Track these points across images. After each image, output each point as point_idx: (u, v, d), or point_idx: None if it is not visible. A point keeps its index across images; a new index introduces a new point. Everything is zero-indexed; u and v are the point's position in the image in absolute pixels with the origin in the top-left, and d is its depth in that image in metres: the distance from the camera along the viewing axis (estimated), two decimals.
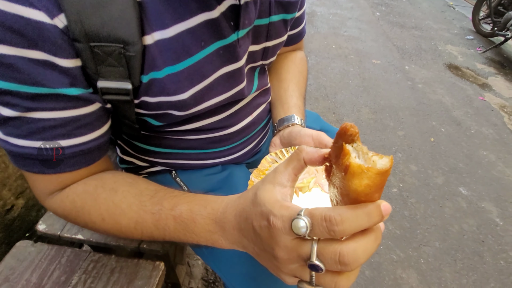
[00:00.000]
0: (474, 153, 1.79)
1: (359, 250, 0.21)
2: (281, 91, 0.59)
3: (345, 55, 2.64)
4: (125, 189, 0.37)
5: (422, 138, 1.84)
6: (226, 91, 0.43)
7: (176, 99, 0.37)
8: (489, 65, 2.96)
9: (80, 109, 0.33)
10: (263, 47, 0.47)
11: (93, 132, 0.35)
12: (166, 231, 0.34)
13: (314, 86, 2.17)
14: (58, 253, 0.59)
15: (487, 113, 2.19)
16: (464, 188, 1.54)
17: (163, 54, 0.33)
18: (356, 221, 0.21)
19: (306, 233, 0.22)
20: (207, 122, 0.47)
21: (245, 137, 0.55)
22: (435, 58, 2.89)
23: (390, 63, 2.63)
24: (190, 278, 1.11)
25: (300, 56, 0.65)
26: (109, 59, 0.31)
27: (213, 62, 0.38)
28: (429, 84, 2.43)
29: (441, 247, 1.25)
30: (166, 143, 0.50)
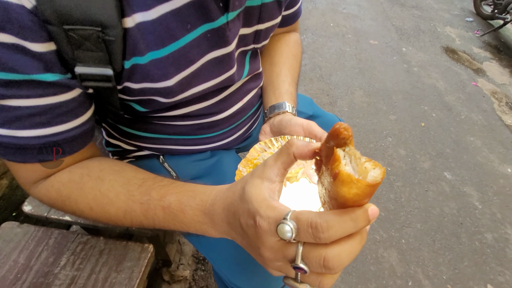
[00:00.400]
0: (462, 138, 1.82)
1: (344, 254, 0.21)
2: (273, 76, 0.57)
3: (343, 34, 2.56)
4: (112, 178, 0.36)
5: (413, 123, 1.86)
6: (214, 77, 0.41)
7: (161, 85, 0.35)
8: (485, 50, 2.94)
9: (59, 96, 0.31)
10: (255, 30, 0.44)
11: (76, 120, 0.34)
12: (155, 221, 0.34)
13: (309, 66, 2.13)
14: (45, 234, 0.59)
15: (478, 99, 2.21)
16: (449, 173, 1.59)
17: (146, 38, 0.31)
18: (343, 228, 0.21)
19: (291, 238, 0.22)
20: (195, 108, 0.46)
21: (235, 123, 0.54)
22: (433, 40, 2.84)
23: (387, 44, 2.57)
24: (181, 255, 1.15)
25: (294, 38, 0.62)
26: (87, 43, 0.28)
27: (200, 47, 0.36)
28: (424, 67, 2.40)
29: (422, 229, 1.32)
30: (153, 128, 0.49)
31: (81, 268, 0.55)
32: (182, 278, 1.08)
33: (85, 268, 0.55)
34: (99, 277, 0.54)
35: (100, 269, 0.55)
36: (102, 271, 0.55)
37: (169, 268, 1.08)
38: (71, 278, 0.54)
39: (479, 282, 1.17)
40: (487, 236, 1.34)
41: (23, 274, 0.53)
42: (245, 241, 0.28)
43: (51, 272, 0.54)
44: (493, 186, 1.56)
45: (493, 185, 1.57)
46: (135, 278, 0.55)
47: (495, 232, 1.36)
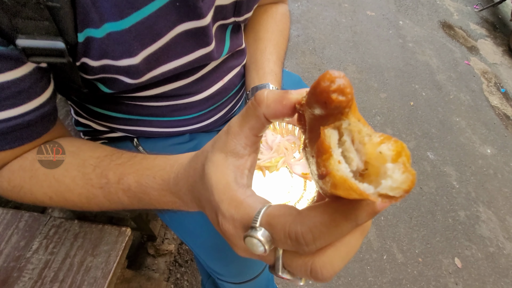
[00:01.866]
0: (448, 119, 1.84)
1: (337, 259, 0.16)
2: (257, 54, 0.52)
3: (339, 3, 2.41)
4: (66, 161, 0.32)
5: (402, 102, 1.85)
6: (187, 53, 0.36)
7: (125, 64, 0.31)
8: (482, 26, 2.87)
9: (5, 73, 0.26)
10: (234, 1, 0.38)
11: (31, 102, 0.29)
12: (123, 204, 0.31)
13: (302, 38, 2.02)
14: (14, 217, 0.57)
15: (468, 78, 2.20)
16: (431, 153, 1.63)
17: (99, 6, 0.26)
18: (333, 236, 0.15)
19: (266, 252, 0.17)
20: (168, 88, 0.41)
21: (215, 104, 0.50)
22: (431, 14, 2.73)
23: (384, 16, 2.46)
24: (166, 230, 1.16)
25: (282, 11, 0.56)
26: (25, 10, 0.24)
27: (168, 17, 0.31)
28: (419, 43, 2.34)
29: (401, 206, 1.37)
30: (125, 109, 0.44)
31: (55, 252, 0.54)
32: (167, 252, 1.10)
33: (59, 252, 0.54)
34: (74, 261, 0.53)
35: (75, 253, 0.54)
36: (78, 255, 0.54)
37: (154, 242, 1.10)
38: (45, 262, 0.52)
39: (448, 255, 1.26)
40: (460, 213, 1.41)
41: None
42: (220, 231, 0.23)
43: (22, 256, 0.52)
44: (471, 166, 1.62)
45: (471, 165, 1.63)
46: (112, 262, 0.54)
47: (468, 210, 1.43)
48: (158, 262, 1.08)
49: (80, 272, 0.52)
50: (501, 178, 1.61)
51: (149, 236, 1.09)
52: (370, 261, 1.17)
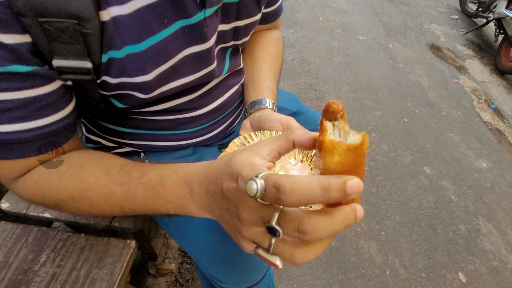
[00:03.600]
0: (442, 134, 1.89)
1: (321, 223, 0.20)
2: (254, 73, 0.58)
3: (332, 29, 2.56)
4: (93, 164, 0.35)
5: (396, 119, 1.91)
6: (193, 72, 0.42)
7: (139, 80, 0.35)
8: (468, 47, 3.02)
9: (38, 88, 0.30)
10: (234, 27, 0.44)
11: (57, 113, 0.33)
12: (135, 201, 0.33)
13: (298, 61, 2.13)
14: (24, 232, 0.59)
15: (459, 96, 2.28)
16: (428, 168, 1.66)
17: (121, 32, 0.31)
18: (308, 194, 0.19)
19: (257, 196, 0.20)
20: (174, 103, 0.46)
21: (216, 118, 0.54)
22: (419, 37, 2.89)
23: (375, 40, 2.60)
24: (167, 249, 1.16)
25: (275, 36, 0.63)
26: (63, 36, 0.28)
27: (178, 42, 0.36)
28: (410, 64, 2.45)
29: (401, 221, 1.38)
30: (133, 124, 0.48)
31: (62, 264, 0.55)
32: (168, 271, 1.09)
33: (66, 265, 0.55)
34: (80, 273, 0.55)
35: (82, 266, 0.56)
36: (84, 267, 0.56)
37: (155, 261, 1.09)
38: (52, 274, 0.54)
39: (451, 270, 1.24)
40: (460, 227, 1.41)
41: (1, 271, 0.53)
42: (224, 209, 0.27)
43: (30, 269, 0.54)
44: (468, 180, 1.64)
45: (468, 179, 1.65)
46: (117, 274, 0.55)
47: (468, 223, 1.43)
48: (159, 282, 1.07)
49: (85, 284, 0.53)
50: (499, 192, 1.62)
51: (150, 255, 1.09)
52: (372, 277, 1.16)
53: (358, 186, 0.18)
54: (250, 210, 0.23)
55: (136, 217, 0.67)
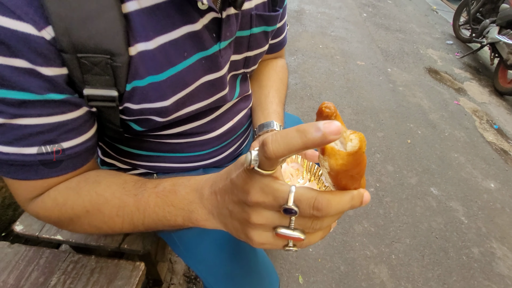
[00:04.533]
0: (446, 155, 1.90)
1: (333, 201, 0.23)
2: (262, 97, 0.62)
3: (331, 55, 2.68)
4: (109, 180, 0.37)
5: (399, 140, 1.93)
6: (207, 98, 0.45)
7: (158, 105, 0.39)
8: (466, 70, 3.11)
9: (67, 114, 0.33)
10: (245, 57, 0.49)
11: (80, 137, 0.36)
12: (146, 211, 0.34)
13: (300, 86, 2.21)
14: (36, 254, 0.60)
15: (460, 117, 2.32)
16: (435, 188, 1.64)
17: (146, 64, 0.35)
18: (287, 143, 0.20)
19: (251, 161, 0.22)
20: (189, 127, 0.49)
21: (226, 141, 0.57)
22: (416, 61, 3.00)
23: (373, 65, 2.70)
24: (172, 274, 1.13)
25: (281, 64, 0.68)
26: (96, 69, 0.32)
27: (195, 71, 0.40)
28: (409, 87, 2.52)
29: (411, 244, 1.34)
30: (148, 146, 0.51)
31: (72, 287, 0.56)
32: None
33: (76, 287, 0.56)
34: None
35: None
36: None
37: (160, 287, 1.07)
38: None
39: None
40: (473, 250, 1.37)
41: None
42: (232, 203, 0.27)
43: None
44: (477, 201, 1.62)
45: (477, 200, 1.62)
46: None
47: (481, 246, 1.39)
48: None
49: None
50: (510, 212, 1.58)
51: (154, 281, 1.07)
52: None
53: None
54: (262, 191, 0.23)
55: (145, 238, 0.68)
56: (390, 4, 4.51)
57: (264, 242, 0.26)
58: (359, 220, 1.39)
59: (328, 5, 3.77)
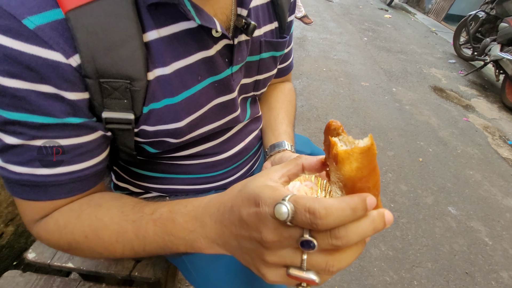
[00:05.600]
0: (461, 172, 1.84)
1: (352, 227, 0.21)
2: (272, 119, 0.63)
3: (335, 78, 2.74)
4: (110, 203, 0.36)
5: (411, 158, 1.89)
6: (219, 119, 0.46)
7: (173, 127, 0.40)
8: (472, 87, 3.11)
9: (82, 137, 0.34)
10: (255, 80, 0.51)
11: (92, 159, 0.36)
12: (146, 239, 0.33)
13: (306, 107, 2.24)
14: (47, 283, 0.59)
15: (471, 133, 2.28)
16: (453, 208, 1.57)
17: (162, 88, 0.36)
18: (341, 216, 0.20)
19: (287, 219, 0.21)
20: (202, 148, 0.50)
21: (237, 162, 0.58)
22: (421, 80, 3.03)
23: (378, 86, 2.74)
24: None
25: (288, 87, 0.70)
26: (115, 93, 0.33)
27: (208, 94, 0.41)
28: (415, 105, 2.53)
29: (433, 268, 1.26)
30: (161, 168, 0.52)
31: None
32: None
33: None
34: None
35: None
36: None
37: None
38: None
39: None
40: (502, 274, 1.27)
41: None
42: (241, 237, 0.26)
43: None
44: (500, 221, 1.53)
45: (500, 219, 1.54)
46: None
47: (511, 270, 1.29)
48: None
49: None
50: None
51: None
52: None
53: (374, 201, 0.21)
54: (277, 232, 0.23)
55: (156, 265, 0.66)
56: (389, 28, 4.67)
57: (277, 280, 0.25)
58: (376, 243, 1.32)
59: (329, 31, 3.93)
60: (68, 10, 0.28)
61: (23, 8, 0.26)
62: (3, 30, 0.26)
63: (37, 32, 0.27)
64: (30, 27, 0.26)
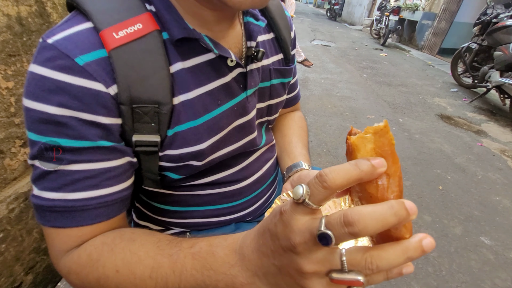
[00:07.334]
0: (487, 199, 1.74)
1: (365, 210, 0.20)
2: (286, 144, 0.66)
3: (341, 113, 2.82)
4: (144, 238, 0.37)
5: (430, 187, 1.83)
6: (238, 141, 0.49)
7: (196, 149, 0.42)
8: (479, 113, 3.12)
9: (112, 161, 0.36)
10: (268, 105, 0.55)
11: (119, 185, 0.38)
12: (182, 274, 0.32)
13: (315, 143, 2.27)
14: None
15: (489, 158, 2.21)
16: (486, 238, 1.46)
17: (186, 112, 0.40)
18: (344, 169, 0.21)
19: (303, 194, 0.22)
20: (222, 175, 0.52)
21: (255, 191, 0.58)
22: (426, 110, 3.07)
23: (384, 117, 2.78)
24: None
25: (298, 115, 0.74)
26: (145, 117, 0.37)
27: (228, 117, 0.45)
28: (425, 134, 2.52)
29: None
30: (182, 200, 0.53)
31: None
32: None
33: None
34: None
35: None
36: None
37: None
38: None
39: None
40: None
41: None
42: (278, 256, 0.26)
43: None
44: None
45: None
46: None
47: None
48: None
49: None
50: None
51: None
52: None
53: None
54: (300, 231, 0.23)
55: None
56: (386, 65, 4.92)
57: None
58: (407, 282, 1.21)
59: (330, 72, 4.17)
60: (111, 49, 0.33)
61: (77, 49, 0.32)
62: (59, 68, 0.31)
63: (86, 67, 0.32)
64: (80, 63, 0.31)
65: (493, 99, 3.56)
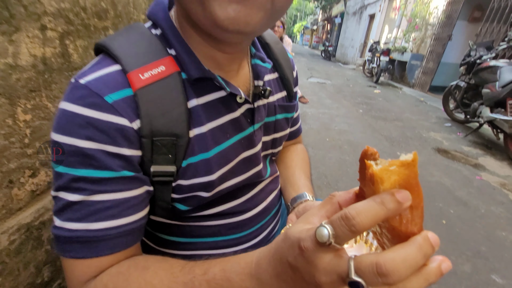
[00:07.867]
0: (493, 234, 1.70)
1: (398, 258, 0.20)
2: (289, 176, 0.67)
3: (339, 146, 2.87)
4: (157, 265, 0.37)
5: (433, 221, 1.79)
6: (245, 172, 0.51)
7: (206, 180, 0.44)
8: (475, 147, 3.18)
9: (132, 191, 0.38)
10: (272, 138, 0.58)
11: (137, 214, 0.39)
12: None
13: (315, 176, 2.28)
14: None
15: (490, 192, 2.21)
16: (497, 276, 1.39)
17: (199, 144, 0.43)
18: (371, 210, 0.21)
19: (330, 237, 0.22)
20: (228, 206, 0.53)
21: (260, 222, 0.59)
22: (422, 143, 3.14)
23: (381, 151, 2.83)
24: None
25: (300, 147, 0.78)
26: (163, 149, 0.39)
27: (236, 149, 0.48)
28: (423, 167, 2.54)
29: None
30: (187, 231, 0.53)
31: None
32: None
33: None
34: None
35: None
36: None
37: None
38: None
39: None
40: None
41: None
42: (299, 285, 0.26)
43: None
44: None
45: None
46: None
47: None
48: None
49: None
50: None
51: None
52: None
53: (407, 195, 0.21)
54: (325, 271, 0.23)
55: None
56: (381, 101, 5.13)
57: None
58: None
59: (327, 107, 4.33)
60: (137, 88, 0.37)
61: (106, 88, 0.35)
62: (89, 105, 0.34)
63: (114, 104, 0.35)
64: (109, 101, 0.35)
65: (486, 133, 3.65)
